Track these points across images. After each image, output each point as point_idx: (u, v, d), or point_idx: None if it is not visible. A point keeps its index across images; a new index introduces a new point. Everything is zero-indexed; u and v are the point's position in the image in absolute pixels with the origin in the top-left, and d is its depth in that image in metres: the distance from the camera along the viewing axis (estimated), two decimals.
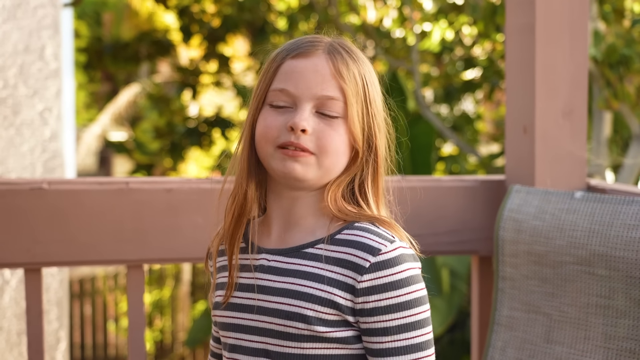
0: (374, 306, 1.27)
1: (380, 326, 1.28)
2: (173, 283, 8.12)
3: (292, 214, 1.36)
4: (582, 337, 1.78)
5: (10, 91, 3.04)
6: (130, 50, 6.81)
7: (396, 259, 1.28)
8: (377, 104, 1.36)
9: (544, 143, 1.99)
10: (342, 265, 1.29)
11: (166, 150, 6.57)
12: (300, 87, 1.31)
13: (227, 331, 1.38)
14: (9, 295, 2.98)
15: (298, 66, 1.32)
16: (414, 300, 1.29)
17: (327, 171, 1.32)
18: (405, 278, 1.28)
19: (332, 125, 1.31)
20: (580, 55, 2.00)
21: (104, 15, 10.77)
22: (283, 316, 1.30)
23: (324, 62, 1.32)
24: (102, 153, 11.43)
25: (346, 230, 1.32)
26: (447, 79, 5.15)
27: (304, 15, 5.47)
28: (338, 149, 1.32)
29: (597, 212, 1.79)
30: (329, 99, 1.31)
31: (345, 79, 1.31)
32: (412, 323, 1.28)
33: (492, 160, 4.70)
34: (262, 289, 1.34)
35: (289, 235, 1.36)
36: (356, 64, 1.34)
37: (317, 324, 1.28)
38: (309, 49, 1.33)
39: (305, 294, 1.29)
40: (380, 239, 1.30)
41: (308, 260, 1.32)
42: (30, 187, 1.84)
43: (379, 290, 1.27)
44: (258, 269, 1.35)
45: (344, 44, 1.36)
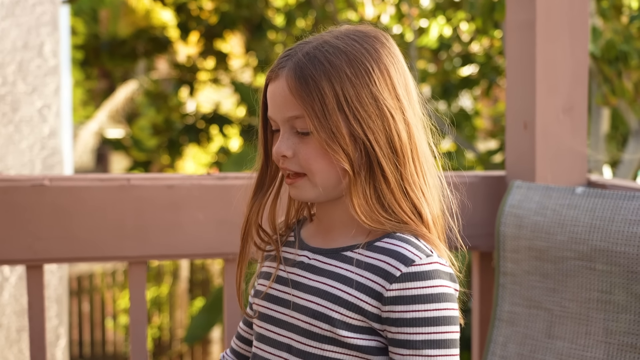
0: (399, 317, 1.25)
1: (403, 338, 1.25)
2: (171, 280, 8.13)
3: (334, 219, 1.35)
4: (583, 332, 1.79)
5: (9, 88, 3.03)
6: (127, 47, 6.81)
7: (430, 272, 1.25)
8: (367, 99, 1.26)
9: (544, 139, 1.99)
10: (373, 272, 1.27)
11: (164, 147, 6.58)
12: (274, 112, 1.31)
13: (261, 321, 1.38)
14: (9, 292, 2.98)
15: (270, 91, 1.31)
16: (442, 318, 1.25)
17: (324, 187, 1.30)
18: (436, 294, 1.24)
19: (308, 142, 1.28)
20: (581, 52, 2.00)
21: (101, 12, 10.75)
22: (310, 314, 1.29)
23: (283, 82, 1.28)
24: (99, 150, 11.42)
25: (386, 238, 1.29)
26: (444, 75, 5.15)
27: (301, 11, 5.48)
28: (320, 165, 1.28)
29: (598, 207, 1.79)
30: (294, 119, 1.28)
31: (303, 95, 1.26)
32: (437, 341, 1.24)
33: (490, 157, 4.71)
34: (297, 285, 1.33)
35: (332, 237, 1.35)
36: (325, 71, 1.26)
37: (340, 327, 1.27)
38: (277, 72, 1.30)
39: (333, 295, 1.28)
40: (417, 250, 1.27)
41: (343, 262, 1.31)
42: (31, 183, 1.84)
43: (407, 302, 1.24)
44: (298, 265, 1.35)
45: (318, 48, 1.28)
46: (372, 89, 1.27)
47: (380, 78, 1.28)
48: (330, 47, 1.28)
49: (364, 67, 1.28)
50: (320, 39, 1.31)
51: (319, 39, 1.31)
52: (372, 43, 1.31)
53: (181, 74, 6.70)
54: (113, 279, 7.85)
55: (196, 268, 8.31)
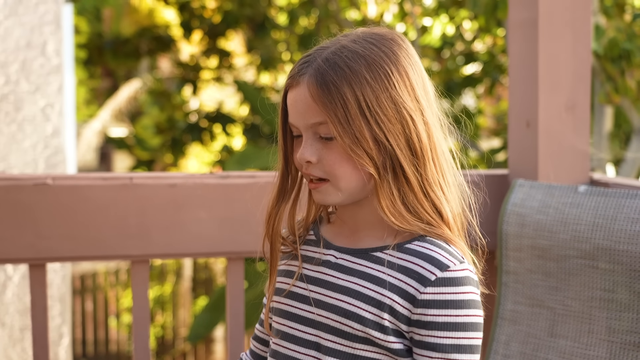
0: (431, 320, 1.26)
1: (432, 341, 1.26)
2: (174, 279, 8.13)
3: (359, 220, 1.36)
4: (586, 330, 1.79)
5: (12, 87, 3.04)
6: (131, 46, 6.82)
7: (463, 279, 1.27)
8: (387, 103, 1.27)
9: (547, 137, 1.99)
10: (406, 274, 1.28)
11: (167, 146, 6.58)
12: (296, 119, 1.32)
13: (283, 318, 1.38)
14: (12, 291, 2.99)
15: (291, 98, 1.32)
16: (471, 324, 1.27)
17: (348, 191, 1.31)
18: (468, 300, 1.27)
19: (331, 148, 1.29)
20: (583, 50, 2.00)
21: (104, 11, 10.76)
22: (341, 313, 1.30)
23: (305, 89, 1.29)
24: (103, 149, 11.43)
25: (417, 241, 1.30)
26: (447, 73, 5.15)
27: (304, 10, 5.48)
28: (345, 170, 1.29)
29: (601, 206, 1.79)
30: (318, 125, 1.29)
31: (325, 102, 1.27)
32: (465, 346, 1.27)
33: (493, 155, 4.71)
34: (324, 284, 1.34)
35: (359, 237, 1.36)
36: (346, 77, 1.27)
37: (372, 327, 1.28)
38: (297, 79, 1.31)
39: (366, 295, 1.29)
40: (451, 256, 1.28)
41: (374, 263, 1.31)
42: (34, 182, 1.84)
43: (440, 306, 1.26)
44: (325, 264, 1.36)
45: (337, 54, 1.29)
46: (391, 92, 1.28)
47: (399, 81, 1.30)
48: (349, 52, 1.29)
49: (383, 71, 1.29)
50: (338, 44, 1.32)
51: (337, 43, 1.32)
52: (390, 46, 1.32)
53: (184, 72, 6.70)
54: (116, 278, 7.86)
55: (199, 267, 8.32)
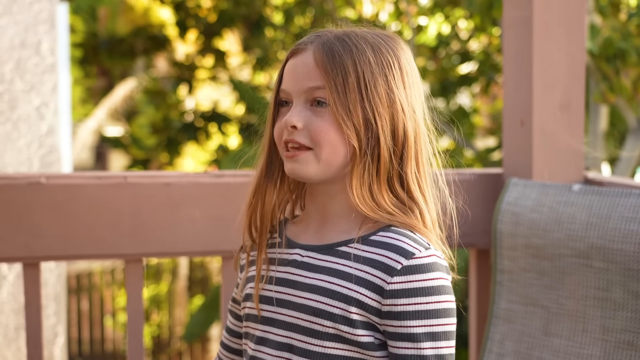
0: (402, 310, 1.25)
1: (406, 331, 1.25)
2: (170, 278, 8.12)
3: (328, 212, 1.35)
4: (580, 329, 1.79)
5: (7, 86, 3.03)
6: (126, 46, 6.81)
7: (430, 265, 1.26)
8: (383, 88, 1.29)
9: (541, 136, 1.99)
10: (372, 265, 1.27)
11: (162, 145, 6.57)
12: (290, 83, 1.32)
13: (256, 323, 1.37)
14: (7, 290, 2.98)
15: (291, 64, 1.33)
16: (443, 310, 1.26)
17: (328, 163, 1.30)
18: (437, 286, 1.26)
19: (323, 115, 1.30)
20: (578, 48, 2.00)
21: (100, 10, 10.74)
22: (310, 312, 1.29)
23: (311, 54, 1.31)
24: (98, 148, 11.41)
25: (381, 232, 1.30)
26: (443, 72, 5.15)
27: (299, 9, 5.47)
28: (331, 139, 1.29)
29: (595, 204, 1.79)
30: (315, 89, 1.30)
31: (327, 67, 1.28)
32: (440, 333, 1.26)
33: (489, 154, 4.71)
34: (293, 284, 1.33)
35: (324, 233, 1.35)
36: (350, 51, 1.29)
37: (342, 323, 1.27)
38: (303, 46, 1.33)
39: (333, 291, 1.28)
40: (415, 244, 1.28)
41: (340, 258, 1.31)
42: (28, 181, 1.84)
43: (409, 294, 1.25)
44: (291, 264, 1.35)
45: (346, 34, 1.33)
46: (389, 81, 1.31)
47: (397, 75, 1.32)
48: (358, 36, 1.33)
49: (385, 60, 1.32)
50: (347, 29, 1.36)
51: (346, 29, 1.36)
52: (395, 45, 1.35)
53: (180, 72, 6.70)
54: (112, 277, 7.85)
55: (195, 266, 8.31)
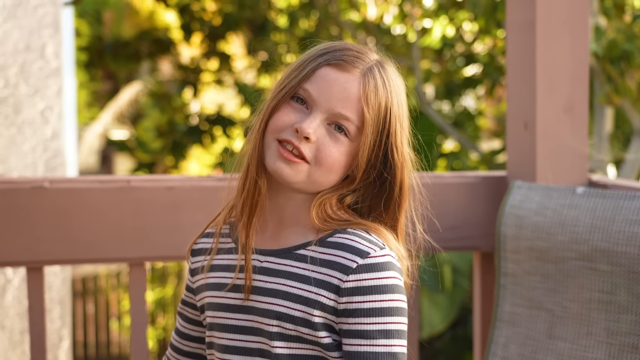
0: (356, 307, 1.27)
1: (359, 328, 1.27)
2: (175, 281, 8.13)
3: (287, 213, 1.36)
4: (585, 332, 1.78)
5: (12, 90, 3.04)
6: (131, 49, 6.82)
7: (384, 264, 1.29)
8: (400, 138, 1.35)
9: (545, 139, 1.99)
10: (329, 267, 1.29)
11: (168, 149, 6.57)
12: (322, 95, 1.31)
13: (220, 332, 1.38)
14: (12, 294, 2.99)
15: (330, 75, 1.32)
16: (396, 309, 1.28)
17: (314, 183, 1.32)
18: (390, 285, 1.28)
19: (337, 142, 1.31)
20: (581, 51, 2.00)
21: (105, 13, 10.77)
22: (273, 317, 1.31)
23: (357, 82, 1.31)
24: (104, 152, 11.43)
25: (338, 234, 1.32)
26: (448, 75, 5.14)
27: (304, 12, 5.47)
28: (333, 165, 1.31)
29: (599, 207, 1.78)
30: (344, 119, 1.31)
31: (370, 106, 1.31)
32: (392, 331, 1.27)
33: (494, 157, 4.70)
34: (254, 290, 1.34)
35: (282, 236, 1.36)
36: (386, 94, 1.33)
37: (303, 325, 1.29)
38: (348, 65, 1.32)
39: (294, 295, 1.30)
40: (370, 244, 1.30)
41: (298, 261, 1.32)
42: (31, 185, 1.84)
43: (364, 292, 1.27)
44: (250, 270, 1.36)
45: (384, 68, 1.35)
46: (403, 127, 1.37)
47: (405, 120, 1.38)
48: (393, 77, 1.36)
49: (404, 109, 1.37)
50: (381, 58, 1.37)
51: (380, 57, 1.38)
52: (404, 92, 1.39)
53: (185, 75, 6.70)
54: (117, 281, 7.86)
55: None
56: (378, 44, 5.11)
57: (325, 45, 1.35)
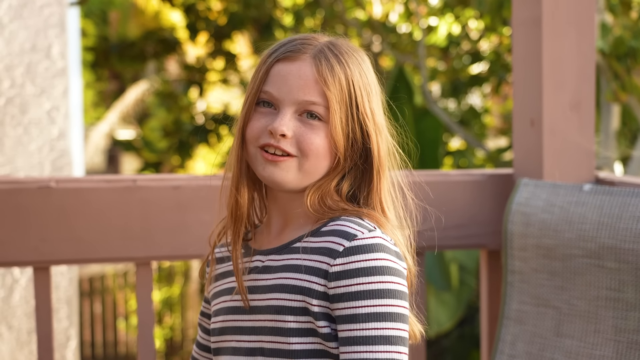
0: (344, 291, 1.25)
1: (349, 312, 1.25)
2: (182, 280, 8.14)
3: (289, 213, 1.37)
4: (592, 330, 1.77)
5: (18, 90, 3.04)
6: (137, 49, 6.82)
7: (372, 246, 1.26)
8: (369, 108, 1.35)
9: (551, 136, 1.98)
10: (319, 253, 1.29)
11: (174, 148, 6.58)
12: (283, 91, 1.32)
13: (226, 335, 1.38)
14: (19, 294, 2.99)
15: (283, 70, 1.33)
16: (387, 291, 1.25)
17: (307, 174, 1.33)
18: (379, 266, 1.25)
19: (313, 129, 1.32)
20: (588, 48, 1.99)
21: (111, 14, 10.78)
22: (273, 311, 1.30)
23: (308, 66, 1.32)
24: (111, 151, 11.45)
25: (331, 222, 1.32)
26: (454, 73, 5.13)
27: (309, 11, 5.47)
28: (319, 152, 1.32)
29: (606, 204, 1.78)
30: (311, 104, 1.31)
31: (329, 84, 1.31)
32: (383, 314, 1.24)
33: (500, 154, 4.69)
34: (256, 289, 1.34)
35: (284, 234, 1.37)
36: (344, 68, 1.33)
37: (303, 314, 1.28)
38: (296, 54, 1.33)
39: (289, 285, 1.29)
40: (359, 227, 1.29)
41: (293, 253, 1.32)
42: (37, 185, 1.84)
43: (351, 275, 1.25)
44: (253, 271, 1.36)
45: (335, 46, 1.35)
46: (371, 99, 1.36)
47: (373, 93, 1.37)
48: (346, 53, 1.35)
49: (366, 79, 1.36)
50: (330, 39, 1.38)
51: (328, 39, 1.38)
52: (367, 61, 1.38)
53: (190, 74, 6.70)
54: (125, 280, 7.87)
55: None
56: (384, 42, 5.10)
57: (273, 46, 1.37)
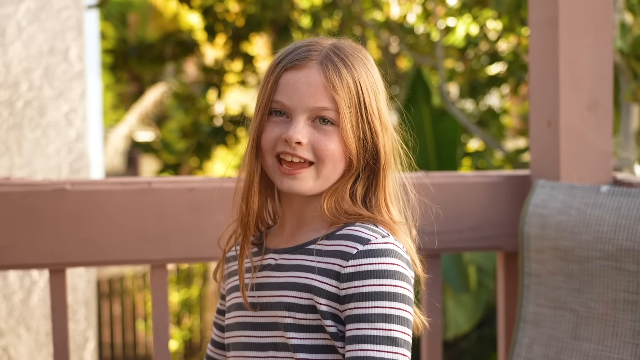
0: (355, 292, 1.28)
1: (359, 312, 1.28)
2: (201, 282, 8.16)
3: (303, 216, 1.40)
4: (610, 333, 1.76)
5: (36, 93, 3.06)
6: (155, 51, 6.85)
7: (385, 250, 1.30)
8: (376, 107, 1.37)
9: (568, 137, 1.97)
10: (332, 256, 1.32)
11: (192, 150, 6.60)
12: (294, 99, 1.35)
13: (237, 330, 1.41)
14: (38, 295, 3.01)
15: (292, 78, 1.35)
16: (397, 294, 1.28)
17: (325, 179, 1.36)
18: (390, 270, 1.29)
19: (327, 134, 1.34)
20: (605, 48, 1.97)
21: (130, 16, 10.84)
22: (283, 308, 1.33)
23: (316, 73, 1.34)
24: (130, 153, 11.51)
25: (346, 227, 1.35)
26: (472, 74, 5.11)
27: (327, 12, 5.47)
28: (334, 156, 1.35)
29: (624, 206, 1.76)
30: (322, 110, 1.34)
31: (337, 89, 1.33)
32: (392, 315, 1.27)
33: (519, 155, 4.66)
34: (268, 286, 1.37)
35: (298, 235, 1.40)
36: (350, 71, 1.35)
37: (310, 312, 1.31)
38: (303, 61, 1.36)
39: (300, 284, 1.33)
40: (373, 232, 1.32)
41: (307, 255, 1.35)
42: (53, 188, 1.85)
43: (362, 277, 1.28)
44: (266, 268, 1.39)
45: (339, 49, 1.37)
46: (378, 99, 1.38)
47: (379, 92, 1.39)
48: (351, 54, 1.37)
49: (372, 79, 1.38)
50: (334, 42, 1.40)
51: (332, 41, 1.40)
52: (372, 62, 1.40)
53: (209, 76, 6.73)
54: (143, 281, 7.90)
55: None
56: (401, 43, 5.09)
57: (278, 54, 1.40)
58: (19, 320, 2.96)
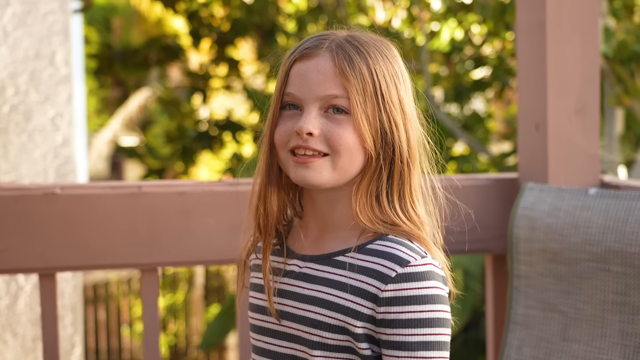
0: (394, 318, 1.23)
1: (398, 339, 1.23)
2: (186, 287, 8.13)
3: (327, 220, 1.33)
4: (599, 334, 1.77)
5: (22, 97, 3.05)
6: (140, 56, 6.83)
7: (425, 274, 1.24)
8: (397, 97, 1.29)
9: (556, 140, 1.98)
10: (367, 274, 1.26)
11: (177, 155, 6.58)
12: (303, 89, 1.29)
13: (258, 334, 1.37)
14: (24, 301, 2.99)
15: (302, 68, 1.30)
16: (437, 320, 1.24)
17: (343, 171, 1.28)
18: (431, 295, 1.24)
19: (341, 123, 1.27)
20: (592, 52, 1.99)
21: (114, 21, 10.80)
22: (309, 324, 1.28)
23: (326, 60, 1.28)
24: (114, 158, 11.46)
25: (378, 240, 1.28)
26: (457, 78, 5.14)
27: (312, 17, 5.48)
28: (350, 147, 1.27)
29: (612, 208, 1.78)
30: (333, 98, 1.27)
31: (347, 75, 1.26)
32: (432, 342, 1.23)
33: (504, 159, 4.69)
34: (292, 295, 1.32)
35: (323, 242, 1.33)
36: (364, 58, 1.28)
37: (342, 333, 1.26)
38: (313, 50, 1.30)
39: (330, 302, 1.27)
40: (411, 252, 1.26)
41: (336, 268, 1.29)
42: (43, 192, 1.85)
43: (402, 302, 1.23)
44: (289, 275, 1.34)
45: (354, 37, 1.31)
46: (399, 89, 1.31)
47: (401, 82, 1.32)
48: (367, 43, 1.31)
49: (393, 68, 1.31)
50: (351, 32, 1.34)
51: (348, 32, 1.34)
52: (394, 52, 1.34)
53: (193, 81, 6.71)
54: (129, 287, 7.86)
55: (211, 275, 8.32)
56: None
57: (291, 48, 1.34)
58: (5, 326, 2.94)
